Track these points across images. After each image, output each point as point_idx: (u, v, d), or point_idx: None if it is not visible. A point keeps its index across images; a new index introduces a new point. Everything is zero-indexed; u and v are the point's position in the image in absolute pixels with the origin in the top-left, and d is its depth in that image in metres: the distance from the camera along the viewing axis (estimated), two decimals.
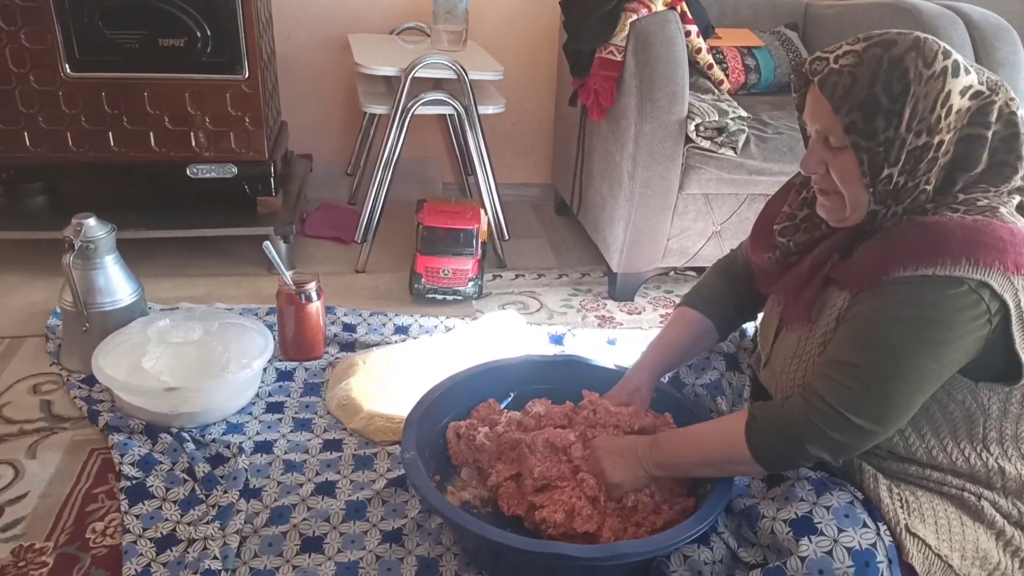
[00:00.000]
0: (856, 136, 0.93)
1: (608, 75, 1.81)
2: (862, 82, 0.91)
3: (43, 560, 1.12)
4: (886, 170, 0.93)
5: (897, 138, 0.91)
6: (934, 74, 0.91)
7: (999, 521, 1.00)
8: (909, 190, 0.94)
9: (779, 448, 0.99)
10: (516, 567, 1.10)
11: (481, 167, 2.05)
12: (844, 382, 0.94)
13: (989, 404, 0.97)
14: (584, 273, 2.15)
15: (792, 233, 1.10)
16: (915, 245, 0.92)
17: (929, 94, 0.90)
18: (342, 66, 2.43)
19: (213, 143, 1.89)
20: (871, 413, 0.93)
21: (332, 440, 1.40)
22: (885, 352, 0.92)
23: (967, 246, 0.89)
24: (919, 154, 0.92)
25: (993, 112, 0.93)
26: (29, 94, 1.79)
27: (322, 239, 2.21)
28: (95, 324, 1.49)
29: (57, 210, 1.96)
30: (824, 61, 0.95)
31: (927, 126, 0.91)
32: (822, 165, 0.99)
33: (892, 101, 0.91)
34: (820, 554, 0.95)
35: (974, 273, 0.88)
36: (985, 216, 0.91)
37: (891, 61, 0.91)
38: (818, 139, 0.99)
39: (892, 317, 0.91)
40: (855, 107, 0.92)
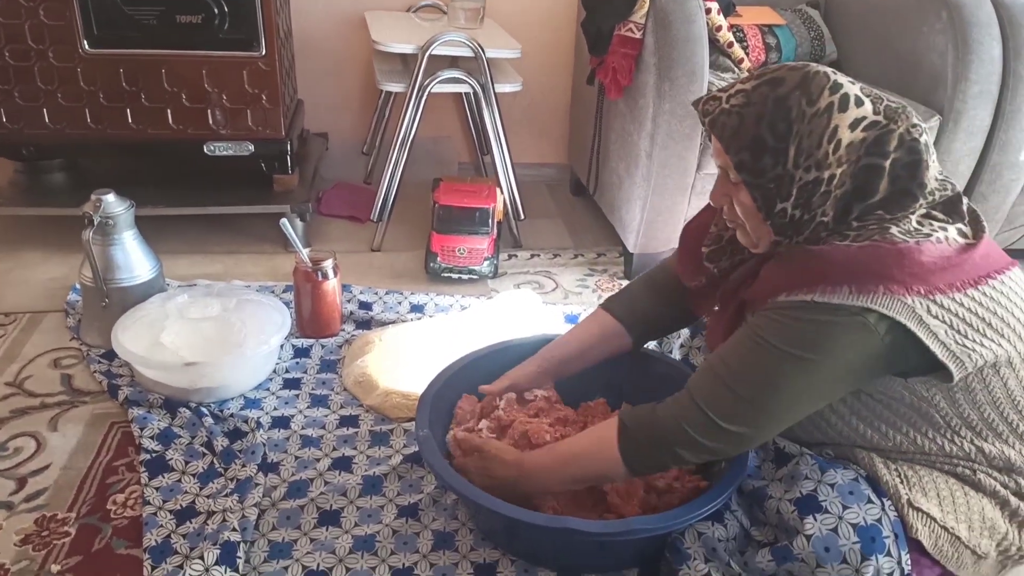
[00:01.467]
0: (746, 174, 0.95)
1: (627, 53, 1.79)
2: (748, 122, 0.93)
3: (65, 530, 1.14)
4: (779, 204, 0.95)
5: (786, 175, 0.93)
6: (818, 111, 0.91)
7: (1001, 490, 1.00)
8: (807, 222, 0.95)
9: (652, 454, 1.01)
10: (530, 542, 1.10)
11: (497, 146, 2.04)
12: (718, 392, 0.96)
13: (931, 396, 0.98)
14: (600, 253, 2.14)
15: (719, 258, 1.13)
16: (799, 272, 0.95)
17: (814, 131, 0.91)
18: (359, 44, 2.42)
19: (230, 121, 1.89)
20: (744, 421, 0.95)
21: (349, 416, 1.41)
22: (760, 368, 0.94)
23: (847, 274, 0.91)
24: (811, 188, 0.93)
25: (892, 141, 0.92)
26: (48, 70, 1.79)
27: (338, 218, 2.22)
28: (114, 299, 1.50)
29: (76, 187, 1.97)
30: (717, 101, 0.97)
31: (815, 162, 0.92)
32: (727, 198, 1.02)
33: (777, 140, 0.92)
34: (826, 531, 0.96)
35: (854, 300, 0.89)
36: (874, 240, 0.92)
37: (775, 101, 0.93)
38: (722, 174, 1.02)
39: (770, 338, 0.93)
40: (743, 147, 0.94)
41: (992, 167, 1.89)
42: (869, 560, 0.94)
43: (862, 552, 0.94)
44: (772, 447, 1.12)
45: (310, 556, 1.11)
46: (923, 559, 0.98)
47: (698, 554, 1.04)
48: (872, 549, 0.94)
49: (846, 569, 0.94)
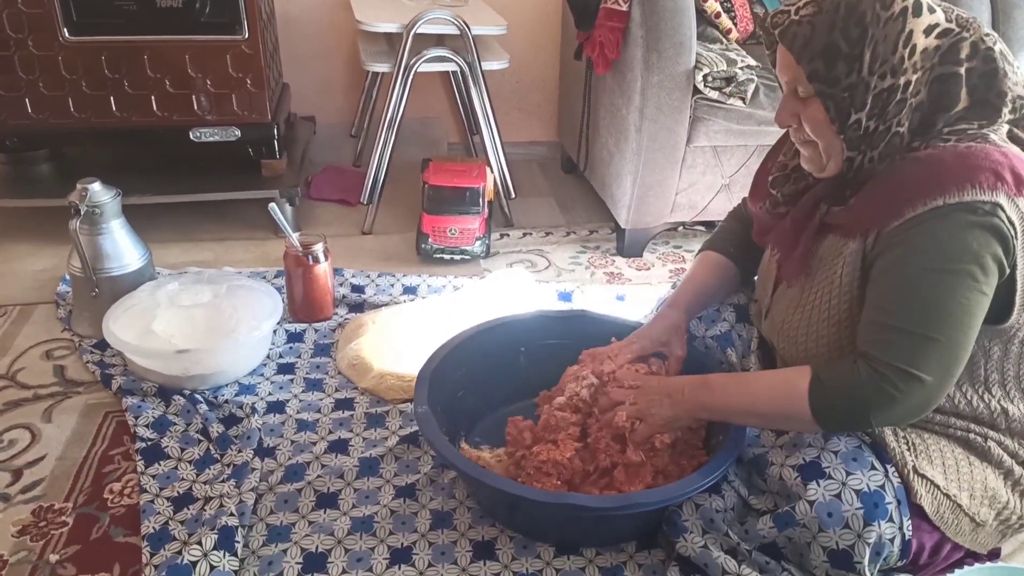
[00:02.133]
0: (819, 84, 0.93)
1: (614, 26, 1.78)
2: (821, 30, 0.92)
3: (63, 520, 1.14)
4: (854, 115, 0.93)
5: (860, 82, 0.92)
6: (892, 15, 0.90)
7: (1007, 460, 1.01)
8: (881, 134, 0.94)
9: (844, 411, 0.96)
10: (530, 518, 1.11)
11: (486, 125, 2.03)
12: (895, 340, 0.91)
13: (991, 347, 0.97)
14: (592, 230, 2.13)
15: (782, 184, 1.10)
16: (916, 180, 0.91)
17: (888, 36, 0.90)
18: (343, 25, 2.39)
19: (215, 106, 1.87)
20: (939, 365, 0.90)
21: (344, 399, 1.40)
22: (929, 301, 0.90)
23: (967, 171, 0.88)
24: (886, 97, 0.92)
25: (964, 49, 0.91)
26: (28, 60, 1.77)
27: (327, 202, 2.20)
28: (104, 289, 1.49)
29: (63, 177, 1.95)
30: (785, 14, 0.96)
31: (890, 68, 0.91)
32: (794, 117, 0.99)
33: (851, 46, 0.91)
34: (828, 497, 0.96)
35: (981, 195, 0.87)
36: (977, 143, 0.91)
37: (848, 6, 0.91)
38: (788, 91, 0.99)
39: (919, 261, 0.90)
40: (816, 55, 0.92)
41: None
42: (872, 525, 0.94)
43: (864, 518, 0.94)
44: None
45: (308, 539, 1.11)
46: (923, 524, 0.99)
47: (695, 526, 1.04)
48: (875, 515, 0.95)
49: (848, 534, 0.95)
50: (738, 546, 1.03)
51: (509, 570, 1.07)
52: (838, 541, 0.95)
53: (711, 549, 1.02)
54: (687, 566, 1.04)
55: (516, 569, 1.07)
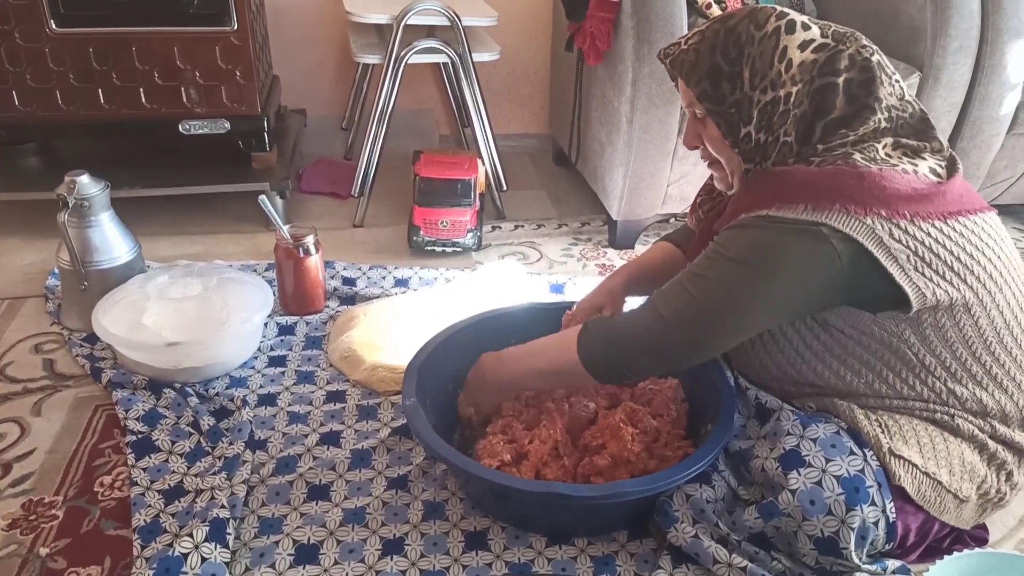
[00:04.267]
0: (708, 103, 1.02)
1: (604, 17, 1.77)
2: (704, 54, 1.01)
3: (53, 513, 1.14)
4: (743, 129, 1.01)
5: (744, 98, 0.99)
6: (766, 34, 0.98)
7: (979, 435, 1.02)
8: (771, 144, 1.00)
9: (606, 356, 1.05)
10: (519, 508, 1.11)
11: (477, 117, 2.02)
12: (674, 292, 1.01)
13: (901, 331, 0.99)
14: (584, 222, 2.13)
15: (706, 204, 1.21)
16: (760, 191, 1.00)
17: (764, 53, 0.98)
18: (333, 16, 2.38)
19: (204, 98, 1.86)
20: (692, 322, 0.99)
21: (335, 391, 1.40)
22: (713, 272, 0.98)
23: (805, 191, 0.95)
24: (770, 108, 0.98)
25: (842, 60, 0.97)
26: (15, 52, 1.75)
27: (318, 194, 2.19)
28: (93, 282, 1.49)
29: (51, 170, 1.93)
30: (676, 46, 1.05)
31: (769, 82, 0.98)
32: (698, 138, 1.09)
33: (731, 64, 0.99)
34: (810, 485, 0.97)
35: (808, 215, 0.93)
36: (836, 165, 0.96)
37: (726, 31, 1.00)
38: (690, 115, 1.08)
39: (725, 247, 0.99)
40: (702, 77, 1.01)
41: (972, 122, 1.89)
42: (854, 510, 0.95)
43: (847, 503, 0.95)
44: (753, 403, 1.13)
45: (300, 530, 1.11)
46: (907, 506, 1.00)
47: (686, 516, 1.05)
48: (856, 500, 0.96)
49: (832, 521, 0.96)
50: (728, 536, 1.03)
51: (501, 560, 1.08)
52: (823, 528, 0.96)
53: (702, 539, 1.02)
54: (678, 555, 1.05)
55: (508, 559, 1.08)
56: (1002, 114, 1.89)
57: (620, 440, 1.12)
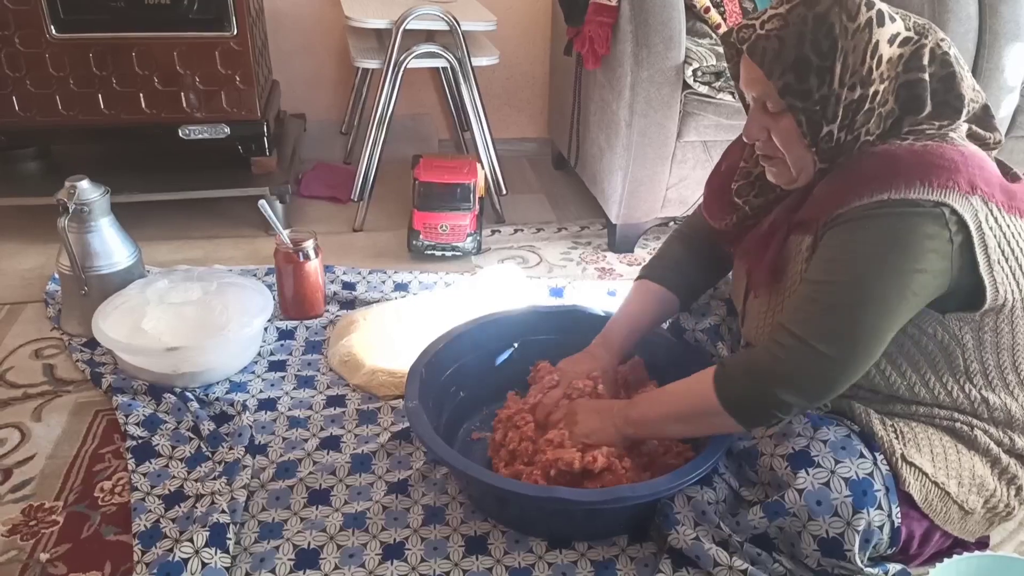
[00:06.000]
0: (792, 98, 0.93)
1: (603, 21, 1.78)
2: (790, 44, 0.92)
3: (53, 519, 1.13)
4: (825, 128, 0.94)
5: (832, 94, 0.92)
6: (859, 26, 0.91)
7: (994, 448, 1.01)
8: (850, 144, 0.95)
9: (748, 393, 0.96)
10: (520, 512, 1.11)
11: (477, 121, 2.03)
12: (808, 310, 0.93)
13: (962, 335, 0.97)
14: (583, 226, 2.13)
15: (747, 192, 1.10)
16: (868, 174, 0.93)
17: (857, 47, 0.91)
18: (332, 21, 2.39)
19: (204, 103, 1.86)
20: (837, 340, 0.91)
21: (335, 396, 1.40)
22: (849, 279, 0.91)
23: (918, 169, 0.90)
24: (856, 107, 0.93)
25: (925, 55, 0.93)
26: (15, 57, 1.76)
27: (318, 199, 2.20)
28: (93, 287, 1.49)
29: (51, 175, 1.92)
30: (751, 28, 0.95)
31: (860, 79, 0.91)
32: (764, 131, 0.99)
33: (822, 58, 0.91)
34: (817, 486, 0.96)
35: (929, 194, 0.88)
36: (935, 141, 0.92)
37: (816, 19, 0.91)
38: (756, 106, 0.99)
39: (854, 246, 0.91)
40: (787, 69, 0.92)
41: None
42: (860, 513, 0.95)
43: (853, 505, 0.95)
44: None
45: (301, 535, 1.11)
46: (912, 512, 0.99)
47: (687, 518, 1.05)
48: (863, 503, 0.95)
49: (837, 522, 0.95)
50: (730, 538, 1.03)
51: (501, 564, 1.07)
52: (828, 529, 0.96)
53: (703, 541, 1.02)
54: (679, 558, 1.05)
55: (508, 563, 1.08)
56: (1000, 117, 1.90)
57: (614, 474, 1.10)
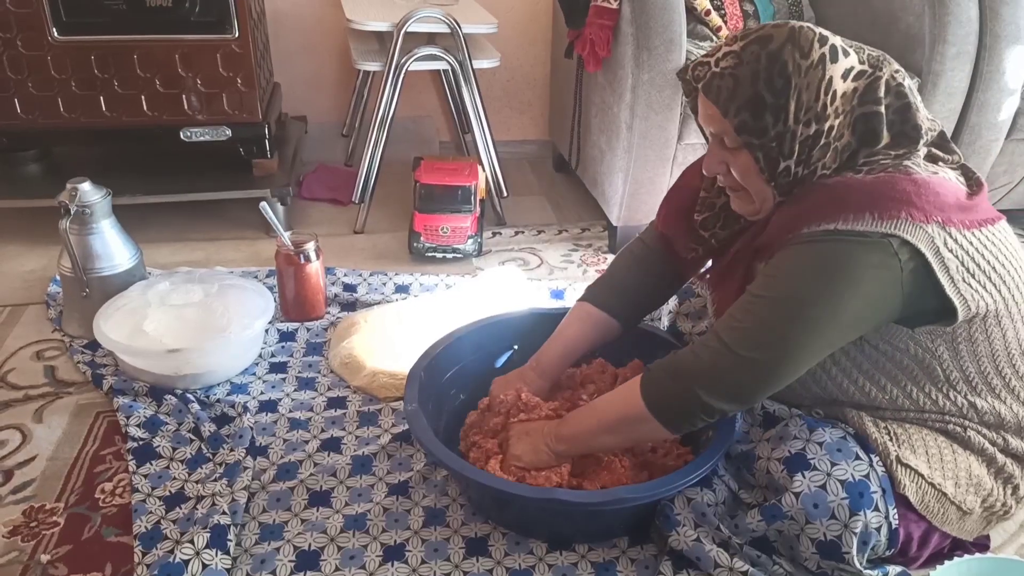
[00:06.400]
0: (748, 135, 0.94)
1: (604, 24, 1.78)
2: (745, 82, 0.92)
3: (54, 520, 1.14)
4: (782, 163, 0.94)
5: (787, 131, 0.93)
6: (812, 63, 0.91)
7: (988, 448, 1.02)
8: (808, 177, 0.96)
9: (671, 393, 0.97)
10: (520, 514, 1.11)
11: (477, 124, 2.03)
12: (738, 319, 0.94)
13: (935, 347, 0.98)
14: (584, 228, 2.13)
15: (713, 224, 1.12)
16: (820, 204, 0.93)
17: (811, 84, 0.91)
18: (334, 23, 2.39)
19: (206, 105, 1.87)
20: (759, 348, 0.92)
21: (336, 398, 1.40)
22: (782, 295, 0.92)
23: (869, 201, 0.90)
24: (811, 143, 0.93)
25: (880, 88, 0.93)
26: (17, 59, 1.76)
27: (319, 201, 2.20)
28: (95, 289, 1.49)
29: (52, 177, 1.94)
30: (706, 66, 0.96)
31: (814, 115, 0.92)
32: (723, 165, 1.00)
33: (776, 96, 0.92)
34: (814, 488, 0.97)
35: (878, 226, 0.89)
36: (888, 172, 0.93)
37: (769, 57, 0.92)
38: (715, 141, 1.00)
39: (794, 266, 0.93)
40: (742, 108, 0.93)
41: (971, 128, 1.89)
42: (857, 515, 0.95)
43: (850, 508, 0.95)
44: (760, 411, 1.13)
45: (301, 537, 1.11)
46: (910, 514, 0.99)
47: (687, 520, 1.05)
48: (860, 504, 0.96)
49: (835, 524, 0.96)
50: (730, 539, 1.03)
51: (502, 566, 1.08)
52: (825, 532, 0.96)
53: (703, 542, 1.02)
54: (679, 560, 1.05)
55: (509, 565, 1.08)
56: (1000, 120, 1.90)
57: (612, 472, 1.11)
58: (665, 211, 1.21)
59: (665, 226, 1.21)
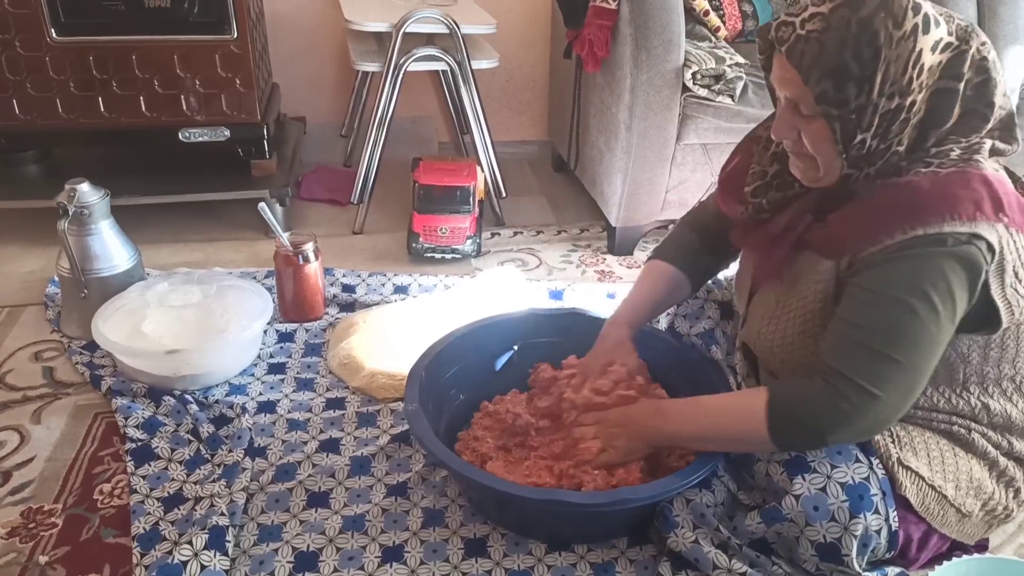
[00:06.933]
0: (828, 106, 0.90)
1: (602, 24, 1.78)
2: (830, 49, 0.87)
3: (52, 521, 1.13)
4: (859, 136, 0.91)
5: (869, 104, 0.89)
6: (905, 34, 0.87)
7: (991, 451, 1.01)
8: (881, 152, 0.92)
9: (799, 430, 0.96)
10: (521, 515, 1.11)
11: (476, 124, 2.03)
12: (861, 356, 0.91)
13: (969, 353, 0.97)
14: (583, 228, 2.13)
15: (764, 192, 1.07)
16: (895, 209, 0.91)
17: (900, 56, 0.87)
18: (332, 24, 2.39)
19: (204, 106, 1.86)
20: (896, 385, 0.91)
21: (335, 399, 1.40)
22: (898, 326, 0.90)
23: (947, 201, 0.88)
24: (891, 117, 0.90)
25: (965, 63, 0.90)
26: (15, 60, 1.76)
27: (318, 201, 2.20)
28: (93, 290, 1.49)
29: (51, 178, 1.94)
30: (790, 27, 0.91)
31: (899, 88, 0.88)
32: (794, 131, 0.96)
33: (863, 67, 0.87)
34: (814, 491, 0.96)
35: (960, 227, 0.87)
36: (958, 167, 0.90)
37: (859, 24, 0.87)
38: (788, 105, 0.96)
39: (896, 288, 0.90)
40: (825, 76, 0.88)
41: None
42: (857, 518, 0.95)
43: (850, 510, 0.95)
44: None
45: (300, 538, 1.11)
46: (909, 516, 0.99)
47: (686, 521, 1.05)
48: (860, 507, 0.95)
49: (835, 527, 0.95)
50: (729, 541, 1.03)
51: (501, 567, 1.07)
52: (825, 534, 0.96)
53: (702, 544, 1.02)
54: (678, 561, 1.05)
55: (508, 566, 1.08)
56: None
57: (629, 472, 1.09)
58: (720, 181, 1.17)
59: (720, 196, 1.17)
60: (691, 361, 1.26)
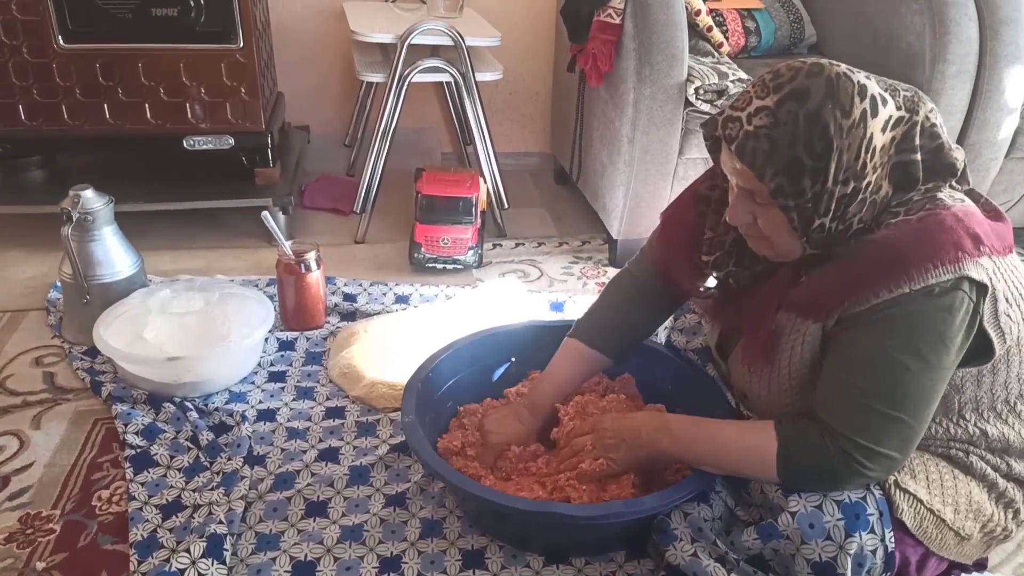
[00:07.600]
0: (783, 199, 0.90)
1: (606, 39, 1.79)
2: (782, 145, 0.88)
3: (50, 527, 1.13)
4: (817, 221, 0.91)
5: (825, 192, 0.89)
6: (854, 123, 0.87)
7: (990, 474, 1.01)
8: (842, 231, 0.93)
9: (814, 483, 0.97)
10: (517, 527, 1.11)
11: (479, 135, 2.04)
12: (866, 419, 0.92)
13: (963, 383, 0.98)
14: (584, 241, 2.14)
15: (726, 263, 1.07)
16: (877, 267, 0.90)
17: (852, 144, 0.88)
18: (338, 35, 2.41)
19: (209, 114, 1.87)
20: (903, 441, 0.92)
21: (334, 408, 1.40)
22: (898, 384, 0.91)
23: (926, 251, 0.88)
24: (848, 200, 0.90)
25: (916, 135, 0.91)
26: (22, 66, 1.77)
27: (321, 210, 2.20)
28: (95, 296, 1.49)
29: (55, 184, 1.95)
30: (737, 123, 0.91)
31: (853, 174, 0.89)
32: (749, 215, 0.96)
33: (816, 160, 0.88)
34: (810, 509, 0.96)
35: (944, 274, 0.87)
36: (926, 210, 0.91)
37: (808, 118, 0.87)
38: (742, 193, 0.95)
39: (891, 346, 0.90)
40: (779, 172, 0.89)
41: (971, 147, 1.90)
42: (853, 537, 0.95)
43: (846, 529, 0.95)
44: None
45: (298, 547, 1.11)
46: (907, 538, 0.99)
47: (684, 535, 1.04)
48: (856, 526, 0.95)
49: (830, 545, 0.95)
50: (726, 555, 1.03)
51: None
52: (821, 553, 0.96)
53: (700, 557, 1.02)
54: (676, 575, 1.04)
55: None
56: (1000, 138, 1.91)
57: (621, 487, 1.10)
58: (663, 246, 1.18)
59: (665, 263, 1.17)
60: (688, 377, 1.26)
